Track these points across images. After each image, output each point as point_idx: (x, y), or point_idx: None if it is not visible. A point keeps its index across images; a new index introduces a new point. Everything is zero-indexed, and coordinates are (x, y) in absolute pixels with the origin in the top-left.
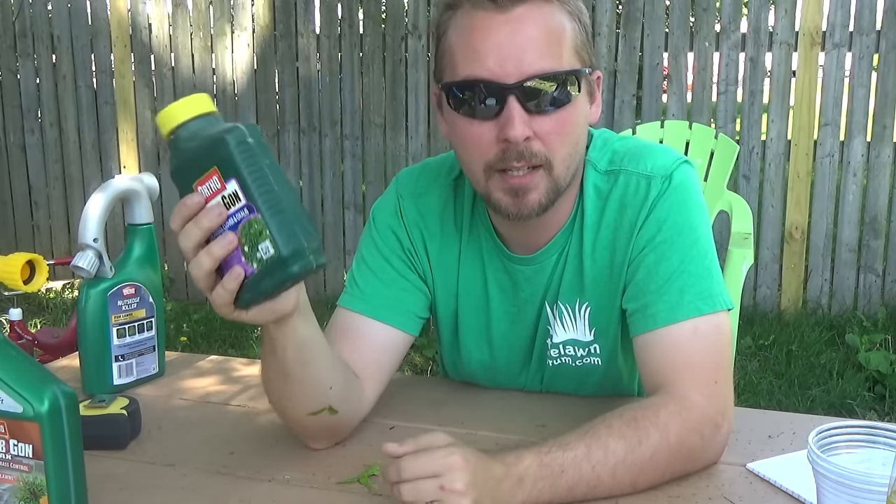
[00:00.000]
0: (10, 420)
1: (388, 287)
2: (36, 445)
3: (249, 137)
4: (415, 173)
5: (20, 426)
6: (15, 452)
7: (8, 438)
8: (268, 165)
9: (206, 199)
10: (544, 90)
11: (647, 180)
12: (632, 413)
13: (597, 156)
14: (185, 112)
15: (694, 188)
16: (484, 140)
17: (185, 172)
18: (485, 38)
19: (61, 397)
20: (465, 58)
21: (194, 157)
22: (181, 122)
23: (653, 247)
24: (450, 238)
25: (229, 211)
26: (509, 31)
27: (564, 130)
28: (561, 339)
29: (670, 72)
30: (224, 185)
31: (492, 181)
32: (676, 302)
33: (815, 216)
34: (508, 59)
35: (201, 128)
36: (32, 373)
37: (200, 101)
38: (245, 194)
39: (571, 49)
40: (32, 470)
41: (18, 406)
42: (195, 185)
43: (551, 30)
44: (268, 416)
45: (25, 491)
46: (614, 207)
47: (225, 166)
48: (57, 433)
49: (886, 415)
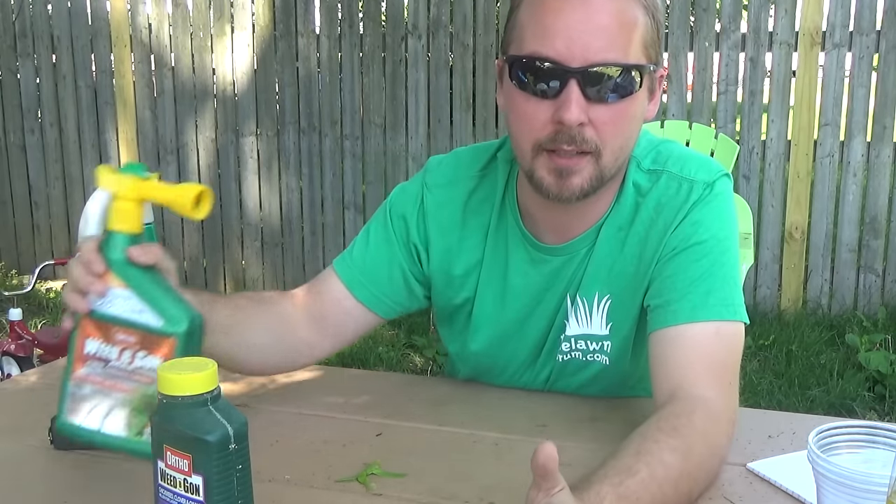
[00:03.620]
0: (145, 332)
1: (377, 269)
2: (167, 360)
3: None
4: (444, 163)
5: (155, 340)
6: (140, 364)
7: (137, 350)
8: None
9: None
10: (606, 79)
11: (689, 184)
12: (669, 423)
13: (641, 153)
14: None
15: (732, 202)
16: (539, 118)
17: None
18: (556, 18)
19: (198, 322)
20: (534, 34)
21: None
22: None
23: (686, 246)
24: (473, 228)
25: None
26: (582, 15)
27: (619, 122)
28: (574, 332)
29: (670, 72)
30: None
31: (538, 159)
32: (701, 303)
33: (815, 216)
34: (576, 43)
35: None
36: (175, 296)
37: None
38: (205, 491)
39: (640, 43)
40: (154, 383)
41: (159, 320)
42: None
43: (623, 20)
44: (268, 416)
45: (142, 402)
46: (651, 206)
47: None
48: (188, 352)
49: (886, 415)
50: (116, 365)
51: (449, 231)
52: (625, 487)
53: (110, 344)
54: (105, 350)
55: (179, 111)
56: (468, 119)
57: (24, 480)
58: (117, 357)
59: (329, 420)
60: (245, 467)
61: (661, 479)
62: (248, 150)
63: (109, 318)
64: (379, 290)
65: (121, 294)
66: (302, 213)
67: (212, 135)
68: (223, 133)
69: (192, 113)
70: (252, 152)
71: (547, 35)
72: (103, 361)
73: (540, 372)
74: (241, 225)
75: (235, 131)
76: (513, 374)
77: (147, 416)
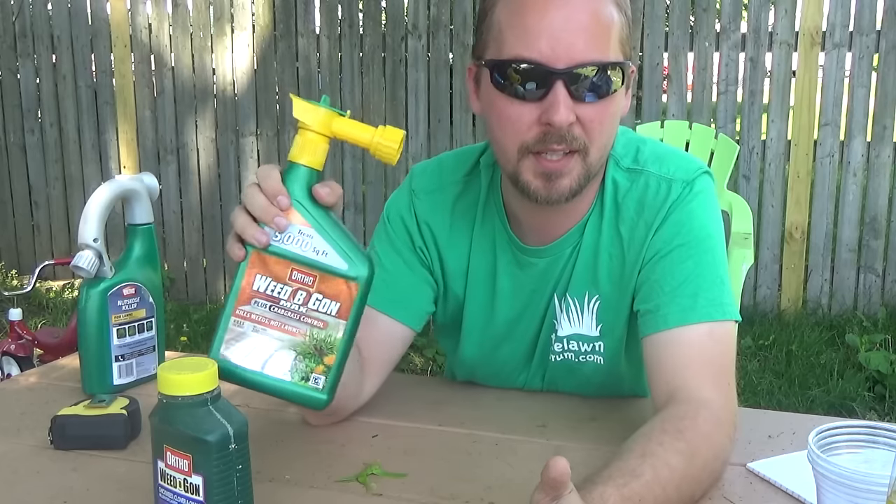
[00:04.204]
0: (326, 274)
1: (398, 281)
2: (345, 304)
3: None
4: (429, 169)
5: (336, 283)
6: (314, 306)
7: (312, 292)
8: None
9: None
10: (591, 78)
11: (668, 183)
12: (673, 425)
13: (620, 152)
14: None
15: (713, 198)
16: (524, 121)
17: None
18: (538, 20)
19: (374, 270)
20: (516, 36)
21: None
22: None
23: (669, 249)
24: (460, 232)
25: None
26: (564, 15)
27: (605, 119)
28: (566, 332)
29: (670, 72)
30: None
31: (524, 162)
32: (690, 305)
33: (815, 216)
34: (560, 44)
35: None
36: (353, 239)
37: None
38: (205, 491)
39: (617, 40)
40: (328, 327)
41: (344, 263)
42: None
43: (602, 19)
44: (268, 416)
45: (311, 347)
46: (632, 206)
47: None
48: (364, 297)
49: (886, 415)
50: (287, 306)
51: (439, 236)
52: (629, 489)
53: (283, 283)
54: (277, 289)
55: (179, 111)
56: (468, 119)
57: (24, 480)
58: (289, 297)
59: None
60: (245, 467)
61: (665, 481)
62: (248, 150)
63: (289, 255)
64: (409, 302)
65: (304, 231)
66: None
67: (212, 135)
68: (223, 133)
69: (192, 113)
70: (252, 152)
71: (529, 37)
72: (272, 301)
73: (535, 375)
74: None
75: (235, 131)
76: (508, 377)
77: (315, 362)
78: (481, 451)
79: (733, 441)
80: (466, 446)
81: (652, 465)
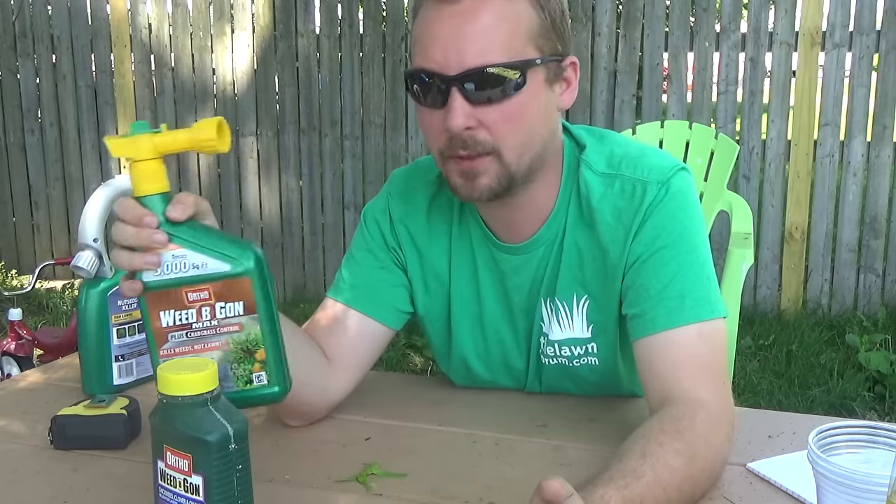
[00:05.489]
0: (217, 282)
1: (370, 278)
2: (247, 300)
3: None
4: (405, 172)
5: (229, 285)
6: (222, 315)
7: (214, 303)
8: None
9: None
10: (487, 81)
11: (643, 186)
12: (672, 425)
13: (593, 156)
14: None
15: (691, 195)
16: (435, 128)
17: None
18: (433, 31)
19: (260, 254)
20: (419, 48)
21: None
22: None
23: (651, 252)
24: (438, 232)
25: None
26: (455, 23)
27: (512, 119)
28: (557, 337)
29: (670, 72)
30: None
31: (447, 165)
32: (677, 307)
33: (815, 216)
34: (450, 51)
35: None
36: (227, 237)
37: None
38: (205, 491)
39: (526, 38)
40: (244, 328)
41: (225, 265)
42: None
43: (500, 20)
44: (268, 416)
45: (239, 351)
46: (608, 211)
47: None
48: (264, 284)
49: (886, 415)
50: (199, 326)
51: (417, 236)
52: (630, 491)
53: (184, 308)
54: (182, 316)
55: (179, 111)
56: None
57: (24, 480)
58: (197, 318)
59: (329, 420)
60: (245, 467)
61: (665, 482)
62: (248, 150)
63: (175, 281)
64: (382, 299)
65: (176, 255)
66: (302, 213)
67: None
68: None
69: (192, 113)
70: (252, 152)
71: (427, 48)
72: (185, 328)
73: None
74: (241, 225)
75: (235, 131)
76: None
77: (249, 363)
78: (481, 451)
79: (731, 441)
80: (466, 446)
81: (652, 466)
